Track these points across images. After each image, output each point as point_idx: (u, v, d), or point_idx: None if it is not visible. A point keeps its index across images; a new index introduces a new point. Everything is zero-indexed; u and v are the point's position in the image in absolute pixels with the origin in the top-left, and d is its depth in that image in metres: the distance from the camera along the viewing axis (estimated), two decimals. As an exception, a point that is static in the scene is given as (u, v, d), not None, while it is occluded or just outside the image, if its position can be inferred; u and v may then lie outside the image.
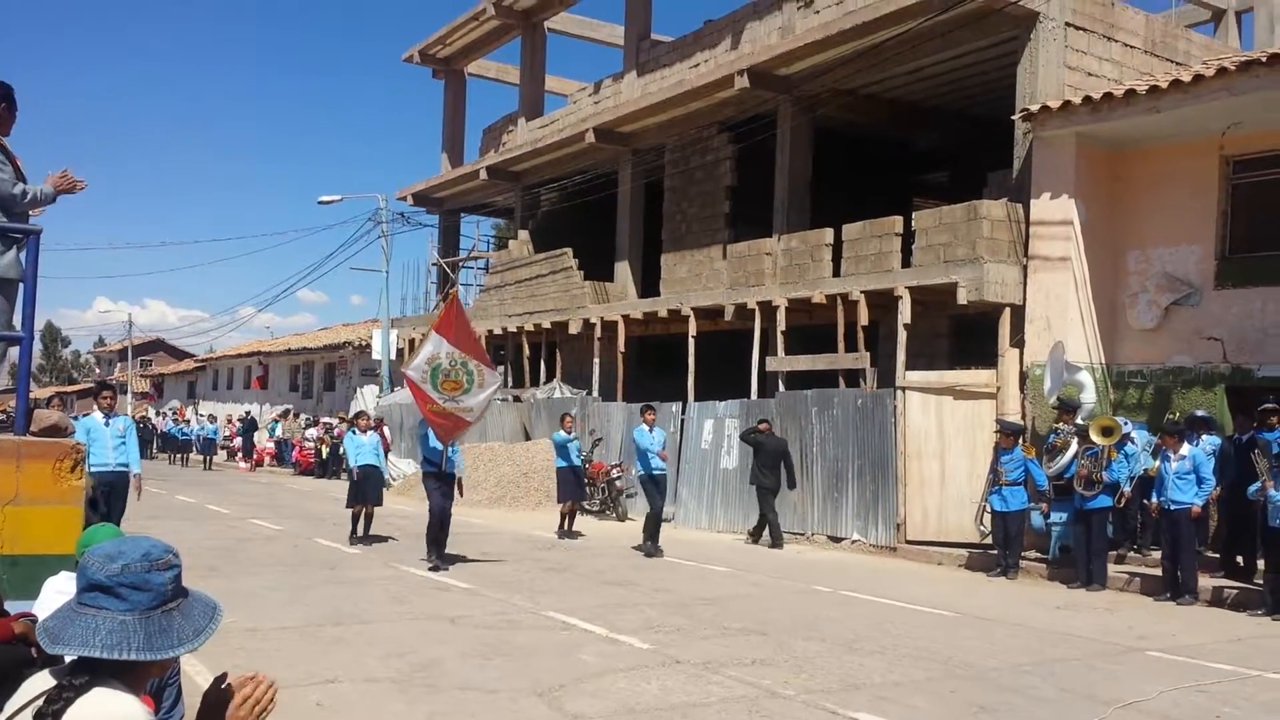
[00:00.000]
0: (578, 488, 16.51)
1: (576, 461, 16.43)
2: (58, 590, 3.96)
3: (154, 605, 2.07)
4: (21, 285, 5.41)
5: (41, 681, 2.07)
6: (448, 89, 30.19)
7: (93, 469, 10.28)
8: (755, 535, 15.70)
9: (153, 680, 4.83)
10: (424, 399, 11.96)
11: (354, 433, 15.35)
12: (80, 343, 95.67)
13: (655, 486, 14.43)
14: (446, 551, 12.52)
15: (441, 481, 12.53)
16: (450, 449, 12.47)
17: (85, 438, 10.10)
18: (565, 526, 16.04)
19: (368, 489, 14.64)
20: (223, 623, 2.25)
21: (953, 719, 6.28)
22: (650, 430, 14.57)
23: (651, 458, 14.36)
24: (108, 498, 10.82)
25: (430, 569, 11.97)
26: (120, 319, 63.33)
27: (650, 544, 14.02)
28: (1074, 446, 12.30)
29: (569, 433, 16.25)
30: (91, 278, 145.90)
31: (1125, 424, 12.58)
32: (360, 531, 14.58)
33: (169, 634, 2.07)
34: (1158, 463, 11.96)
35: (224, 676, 2.26)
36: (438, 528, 12.33)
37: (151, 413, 46.84)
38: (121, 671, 2.04)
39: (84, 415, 12.57)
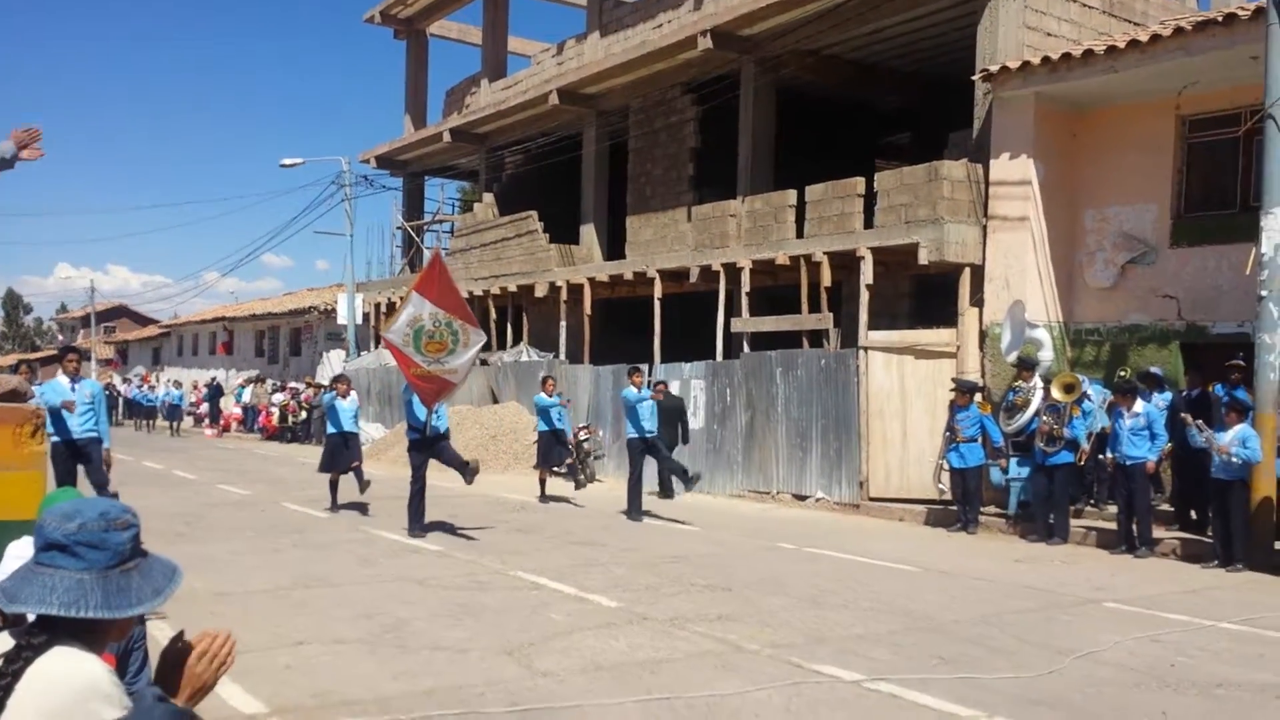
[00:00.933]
0: (560, 452, 16.16)
1: (559, 425, 16.10)
2: (18, 556, 3.96)
3: (112, 564, 2.09)
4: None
5: (1, 643, 2.09)
6: (410, 50, 29.89)
7: (54, 439, 9.94)
8: (664, 490, 16.50)
9: (118, 645, 4.87)
10: (407, 363, 11.49)
11: (334, 396, 14.61)
12: (42, 309, 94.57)
13: (648, 449, 13.89)
14: (427, 520, 12.23)
15: (425, 450, 12.08)
16: (435, 413, 12.06)
17: (43, 403, 9.75)
18: (545, 492, 15.86)
19: (346, 454, 14.17)
20: (190, 587, 2.28)
21: (914, 669, 6.43)
22: (639, 391, 14.01)
23: (642, 421, 13.84)
24: (81, 462, 10.60)
25: (412, 537, 11.75)
26: (83, 285, 62.81)
27: (634, 513, 13.74)
28: (1035, 404, 12.50)
29: (550, 395, 16.02)
30: (53, 243, 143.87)
31: (1084, 381, 12.79)
32: (342, 500, 14.16)
33: (127, 593, 2.08)
34: (1109, 422, 12.21)
35: (182, 633, 2.28)
36: (419, 498, 11.97)
37: (117, 379, 46.41)
38: (81, 631, 2.06)
39: (47, 380, 11.94)
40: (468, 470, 11.85)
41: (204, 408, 36.43)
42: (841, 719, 5.52)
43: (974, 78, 14.81)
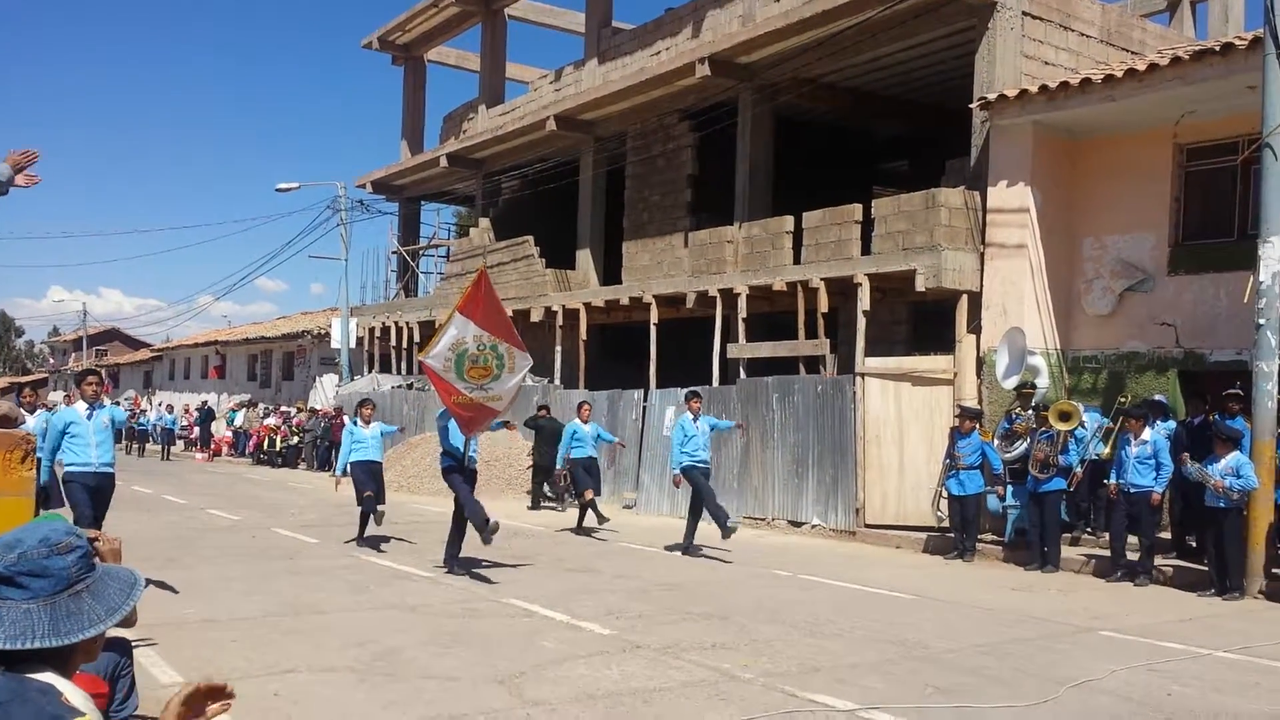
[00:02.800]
0: (592, 478, 15.42)
1: (594, 451, 15.67)
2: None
3: (59, 590, 2.04)
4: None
5: None
6: (407, 76, 29.99)
7: (69, 469, 9.09)
8: (535, 503, 18.15)
9: (105, 670, 4.80)
10: (447, 390, 10.62)
11: (355, 424, 13.51)
12: (34, 332, 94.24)
13: (695, 475, 12.77)
14: (462, 555, 11.28)
15: (465, 477, 11.20)
16: (471, 441, 11.27)
17: (59, 434, 9.06)
18: (583, 521, 15.11)
19: (372, 485, 13.18)
20: (179, 613, 2.23)
21: (909, 699, 6.35)
22: (695, 420, 12.94)
23: (696, 451, 12.76)
24: (92, 503, 9.15)
25: (450, 571, 11.00)
26: (75, 308, 62.67)
27: (689, 542, 12.99)
28: (1034, 431, 12.47)
29: (586, 421, 15.66)
30: (46, 266, 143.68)
31: (1082, 409, 12.77)
32: (361, 531, 13.23)
33: (78, 616, 2.04)
34: (1107, 448, 12.16)
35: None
36: (469, 511, 10.88)
37: (106, 403, 46.21)
38: (44, 658, 2.01)
39: (64, 406, 10.84)
40: (488, 531, 10.65)
41: (195, 432, 36.30)
42: (837, 750, 5.43)
43: (972, 106, 14.85)
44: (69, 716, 1.87)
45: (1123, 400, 13.17)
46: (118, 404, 9.81)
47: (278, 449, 29.96)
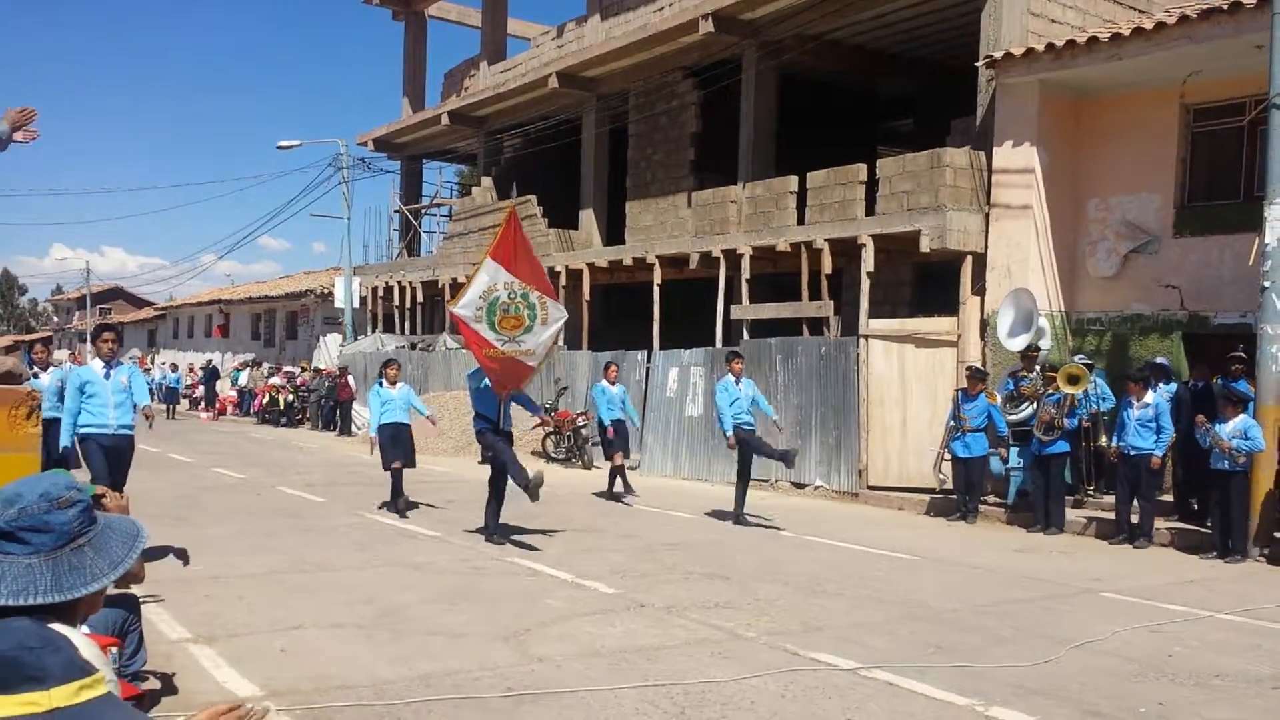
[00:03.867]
0: (620, 441, 14.75)
1: (623, 414, 14.94)
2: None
3: (60, 544, 2.04)
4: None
5: None
6: (408, 31, 29.74)
7: (84, 430, 8.86)
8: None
9: (115, 626, 4.84)
10: (479, 342, 9.94)
11: (380, 385, 12.82)
12: (37, 290, 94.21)
13: (743, 438, 12.15)
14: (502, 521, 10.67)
15: (501, 439, 10.51)
16: (507, 401, 10.55)
17: (77, 393, 8.85)
18: (613, 486, 14.37)
19: (398, 449, 12.53)
20: (186, 571, 2.23)
21: (911, 658, 6.39)
22: (738, 381, 12.25)
23: (743, 411, 12.15)
24: (109, 466, 8.86)
25: (489, 539, 10.42)
26: (78, 266, 62.48)
27: (740, 510, 12.32)
28: (1040, 394, 12.48)
29: (613, 383, 15.09)
30: (48, 224, 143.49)
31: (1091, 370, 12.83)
32: (394, 497, 12.52)
33: (80, 571, 2.04)
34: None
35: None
36: (509, 469, 10.28)
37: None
38: (48, 611, 2.01)
39: (77, 365, 10.61)
40: (533, 486, 10.01)
41: (200, 391, 36.37)
42: (837, 707, 5.48)
43: (978, 64, 14.73)
44: (93, 670, 1.90)
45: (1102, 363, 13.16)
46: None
47: (281, 408, 30.02)
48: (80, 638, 2.04)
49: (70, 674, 1.86)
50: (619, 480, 14.31)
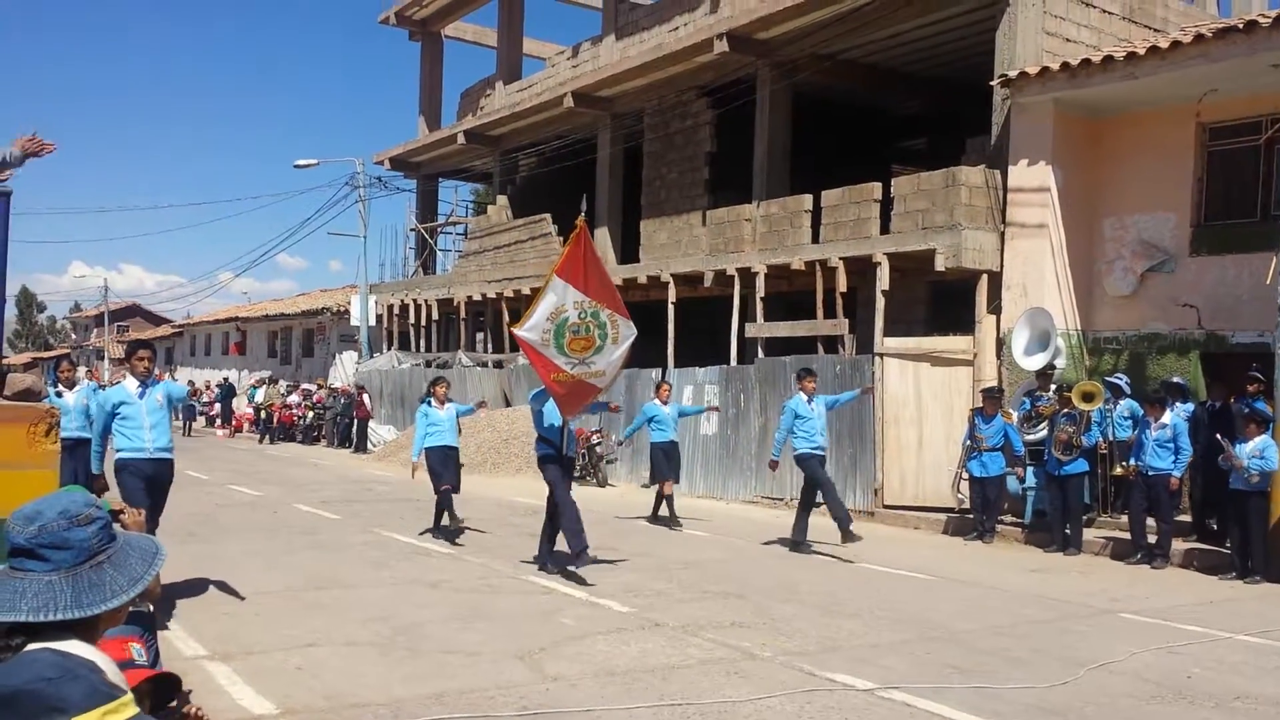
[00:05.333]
0: (672, 466, 14.03)
1: (675, 435, 14.18)
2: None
3: (80, 561, 2.05)
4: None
5: None
6: (425, 51, 29.92)
7: (121, 457, 8.01)
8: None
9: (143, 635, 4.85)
10: (547, 367, 9.30)
11: (429, 404, 12.19)
12: (56, 308, 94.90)
13: (813, 462, 11.49)
14: (588, 552, 9.65)
15: (563, 467, 9.98)
16: (570, 425, 10.00)
17: (107, 414, 8.09)
18: (660, 510, 13.86)
19: (447, 473, 11.97)
20: (202, 587, 2.24)
21: (928, 679, 6.36)
22: (810, 401, 11.57)
23: (811, 436, 11.45)
24: (148, 492, 8.06)
25: (543, 569, 9.84)
26: (96, 284, 62.93)
27: (802, 536, 11.62)
28: (1056, 413, 12.44)
29: (665, 402, 14.22)
30: (67, 242, 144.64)
31: (1120, 384, 12.82)
32: (437, 522, 12.08)
33: (100, 588, 2.04)
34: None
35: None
36: (565, 521, 9.69)
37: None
38: (69, 627, 2.02)
39: (114, 383, 9.79)
40: (580, 561, 9.46)
41: (216, 408, 36.51)
42: (856, 728, 5.46)
43: (993, 83, 14.73)
44: (118, 694, 1.89)
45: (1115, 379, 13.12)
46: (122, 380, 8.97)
47: (298, 426, 30.18)
48: (106, 660, 2.04)
49: (93, 701, 1.86)
50: (665, 505, 13.72)
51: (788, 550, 11.65)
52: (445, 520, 11.99)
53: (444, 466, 11.93)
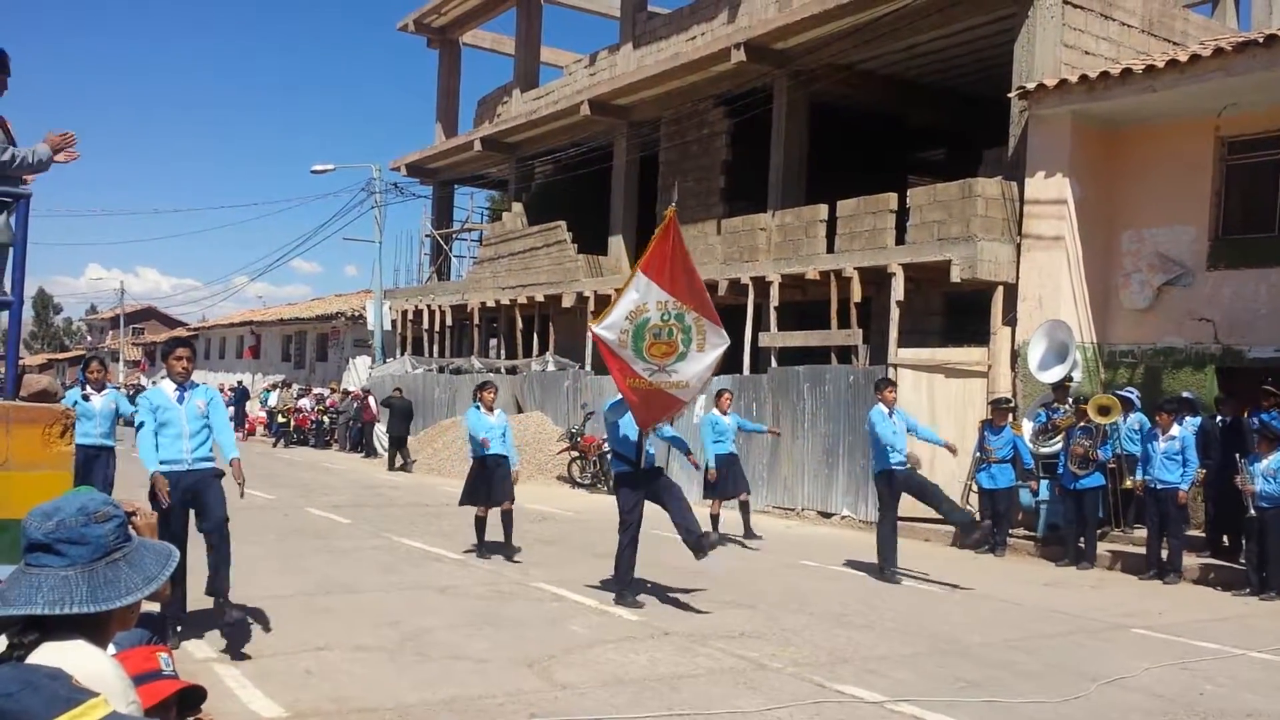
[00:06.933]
0: (736, 479, 13.26)
1: (735, 447, 13.42)
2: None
3: (96, 557, 2.07)
4: (11, 249, 5.40)
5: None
6: (442, 59, 30.01)
7: (164, 467, 7.11)
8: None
9: (136, 644, 4.86)
10: (623, 370, 8.50)
11: (478, 408, 11.53)
12: (72, 310, 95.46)
13: (892, 482, 10.85)
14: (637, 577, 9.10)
15: (640, 486, 9.01)
16: (649, 437, 9.07)
17: (150, 420, 7.22)
18: (749, 524, 13.33)
19: (495, 485, 11.26)
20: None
21: (938, 692, 6.33)
22: (891, 414, 10.89)
23: (892, 452, 10.71)
24: (192, 507, 7.30)
25: (619, 603, 8.81)
26: (112, 286, 63.35)
27: (889, 568, 10.66)
28: (1071, 427, 12.39)
29: (725, 413, 13.34)
30: (84, 244, 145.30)
31: (1133, 394, 12.78)
32: (487, 536, 11.37)
33: (115, 584, 2.07)
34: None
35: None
36: (631, 549, 8.97)
37: (144, 381, 46.80)
38: (81, 626, 2.05)
39: (151, 385, 8.84)
40: (704, 544, 8.83)
41: (230, 411, 36.61)
42: (865, 741, 5.43)
43: (1010, 95, 14.70)
44: (83, 698, 1.89)
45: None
46: (137, 382, 8.60)
47: (311, 429, 30.30)
48: (98, 655, 2.05)
49: (53, 709, 1.85)
50: (742, 519, 13.30)
51: (880, 581, 10.56)
52: (503, 535, 11.35)
53: (485, 480, 11.24)
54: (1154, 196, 14.12)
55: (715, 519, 13.07)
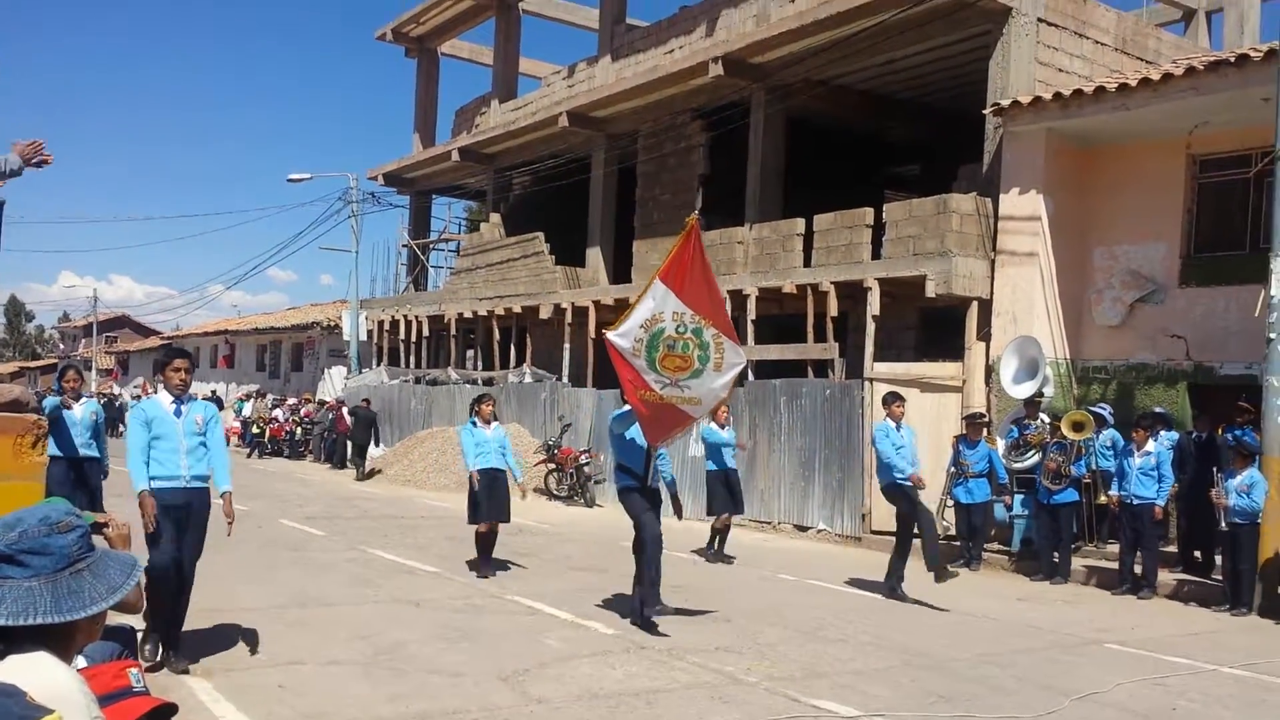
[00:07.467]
0: (732, 499, 13.08)
1: (732, 464, 13.21)
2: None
3: (60, 568, 2.07)
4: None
5: None
6: (420, 68, 30.00)
7: (156, 485, 6.76)
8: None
9: (107, 656, 4.81)
10: (634, 381, 8.17)
11: (474, 424, 11.15)
12: (44, 318, 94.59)
13: (904, 494, 10.40)
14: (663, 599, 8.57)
15: (648, 500, 8.69)
16: (657, 453, 8.79)
17: (143, 433, 6.79)
18: (716, 545, 12.94)
19: (493, 502, 10.88)
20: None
21: (912, 707, 6.34)
22: (898, 428, 10.52)
23: (893, 468, 10.33)
24: (179, 526, 6.89)
25: (637, 623, 8.45)
26: (86, 294, 62.73)
27: (940, 565, 10.23)
28: (1045, 442, 12.45)
29: (723, 425, 13.12)
30: (57, 251, 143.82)
31: (1105, 410, 12.89)
32: (482, 557, 10.95)
33: (79, 594, 2.06)
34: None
35: None
36: (647, 559, 8.51)
37: (116, 389, 46.40)
38: (45, 638, 2.04)
39: (145, 396, 8.67)
40: (651, 613, 8.34)
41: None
42: (840, 756, 5.43)
43: (985, 111, 14.82)
44: (38, 715, 1.87)
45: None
46: (112, 390, 8.35)
47: (285, 440, 30.09)
48: (62, 671, 2.02)
49: None
50: (719, 540, 12.97)
51: (885, 597, 10.43)
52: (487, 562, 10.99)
53: (489, 495, 10.86)
54: (1126, 213, 14.26)
55: (721, 529, 12.90)
